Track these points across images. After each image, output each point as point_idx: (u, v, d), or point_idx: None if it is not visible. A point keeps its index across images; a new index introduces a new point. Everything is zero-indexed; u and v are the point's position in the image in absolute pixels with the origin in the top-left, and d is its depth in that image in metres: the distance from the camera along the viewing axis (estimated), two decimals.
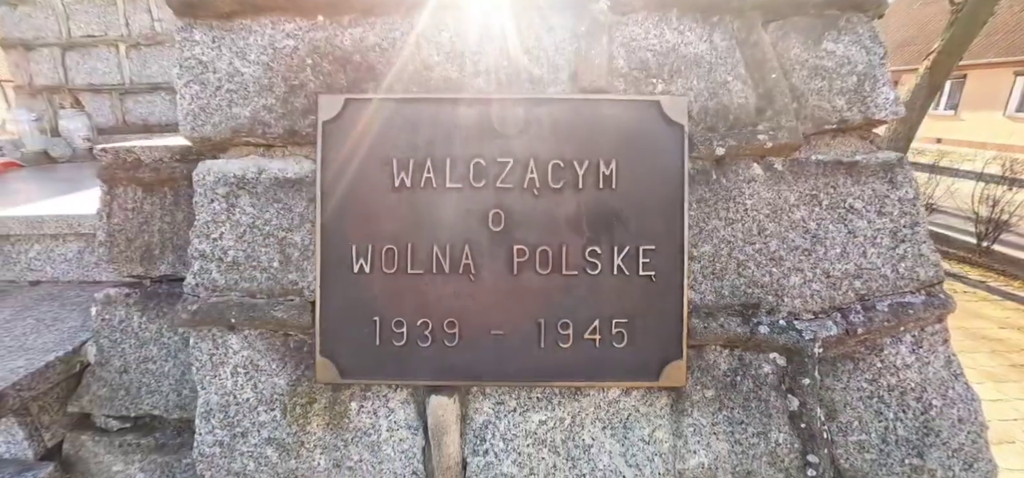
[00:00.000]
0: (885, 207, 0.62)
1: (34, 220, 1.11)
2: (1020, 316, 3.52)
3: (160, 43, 2.57)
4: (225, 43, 0.61)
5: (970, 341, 3.11)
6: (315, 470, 0.62)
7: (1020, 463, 2.09)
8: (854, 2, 0.62)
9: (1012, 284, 4.13)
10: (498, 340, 0.57)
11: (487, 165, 0.56)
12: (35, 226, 1.12)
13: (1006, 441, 2.22)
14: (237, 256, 0.61)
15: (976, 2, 4.44)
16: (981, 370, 2.79)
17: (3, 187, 1.72)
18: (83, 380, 0.90)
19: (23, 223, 1.12)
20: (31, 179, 1.89)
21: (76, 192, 1.40)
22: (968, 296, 3.86)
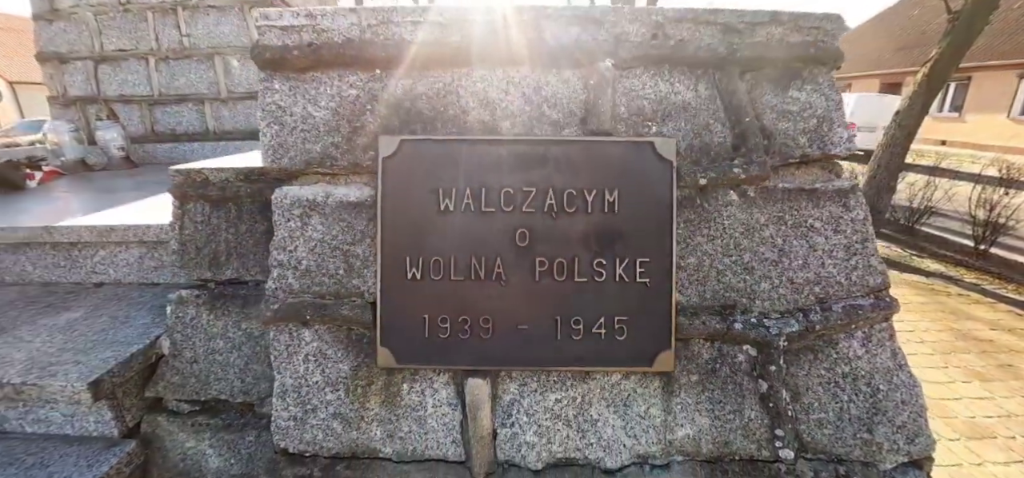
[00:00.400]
0: (840, 226, 0.75)
1: (104, 229, 1.26)
2: (1012, 319, 3.61)
3: (188, 56, 2.72)
4: (300, 92, 0.75)
5: (961, 342, 3.19)
6: (372, 439, 0.76)
7: (1001, 457, 2.20)
8: (815, 57, 0.75)
9: (1007, 287, 4.21)
10: (523, 333, 0.71)
11: (514, 193, 0.70)
12: (104, 234, 1.27)
13: (988, 436, 2.32)
14: (309, 265, 0.75)
15: (972, 11, 4.52)
16: (969, 369, 2.88)
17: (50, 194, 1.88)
18: (158, 369, 1.05)
19: (94, 231, 1.27)
20: (74, 186, 2.04)
21: (130, 202, 1.55)
22: (962, 299, 3.95)
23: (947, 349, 3.11)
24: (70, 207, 1.58)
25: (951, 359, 2.96)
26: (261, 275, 0.99)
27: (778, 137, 0.74)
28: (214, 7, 2.61)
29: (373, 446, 0.76)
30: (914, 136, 5.20)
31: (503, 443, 0.74)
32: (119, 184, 2.03)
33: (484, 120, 0.73)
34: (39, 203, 1.68)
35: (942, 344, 3.23)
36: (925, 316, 3.66)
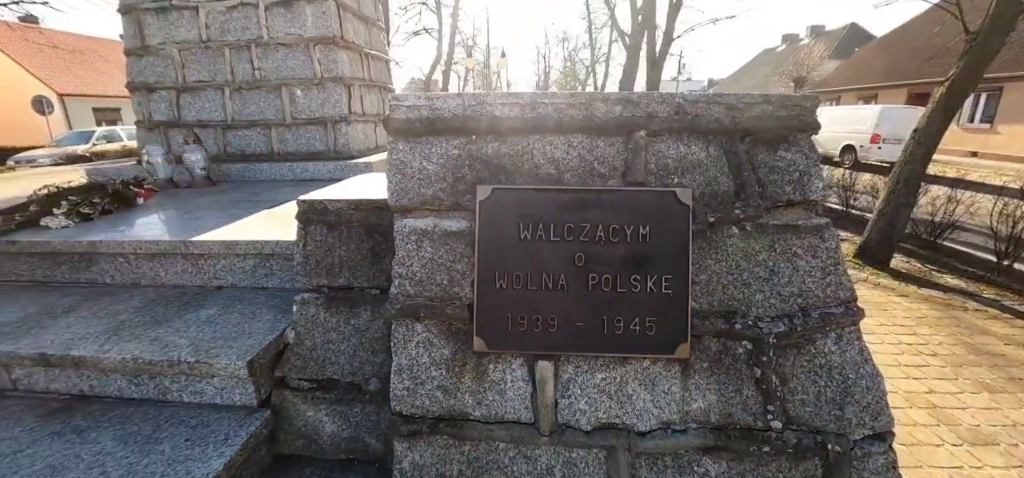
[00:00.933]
0: (817, 253, 1.00)
1: (231, 243, 1.59)
2: None
3: (258, 87, 3.09)
4: (418, 151, 1.04)
5: (973, 356, 3.31)
6: (465, 405, 1.03)
7: (1001, 462, 2.35)
8: (797, 126, 1.01)
9: None
10: (578, 328, 0.98)
11: (574, 228, 0.97)
12: (230, 247, 1.60)
13: (991, 443, 2.47)
14: (422, 277, 1.04)
15: (989, 31, 4.61)
16: (978, 381, 3.01)
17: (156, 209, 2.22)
18: (284, 354, 1.35)
19: (222, 245, 1.59)
20: (172, 203, 2.39)
21: (240, 219, 1.88)
22: (979, 314, 4.03)
23: (959, 362, 3.25)
24: (187, 223, 1.91)
25: (962, 371, 3.10)
26: (366, 283, 1.29)
27: (769, 186, 1.00)
28: (283, 45, 2.97)
29: (465, 410, 1.04)
30: (933, 154, 5.28)
31: (562, 410, 1.01)
32: (206, 201, 2.38)
33: (551, 173, 1.01)
34: (151, 217, 2.03)
35: (954, 357, 3.35)
36: (939, 330, 3.77)
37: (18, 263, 1.80)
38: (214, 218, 1.93)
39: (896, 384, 2.94)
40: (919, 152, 5.23)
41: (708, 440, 1.00)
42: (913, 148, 5.34)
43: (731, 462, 1.00)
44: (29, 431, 1.24)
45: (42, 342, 1.36)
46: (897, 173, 5.45)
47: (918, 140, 5.26)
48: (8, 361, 1.35)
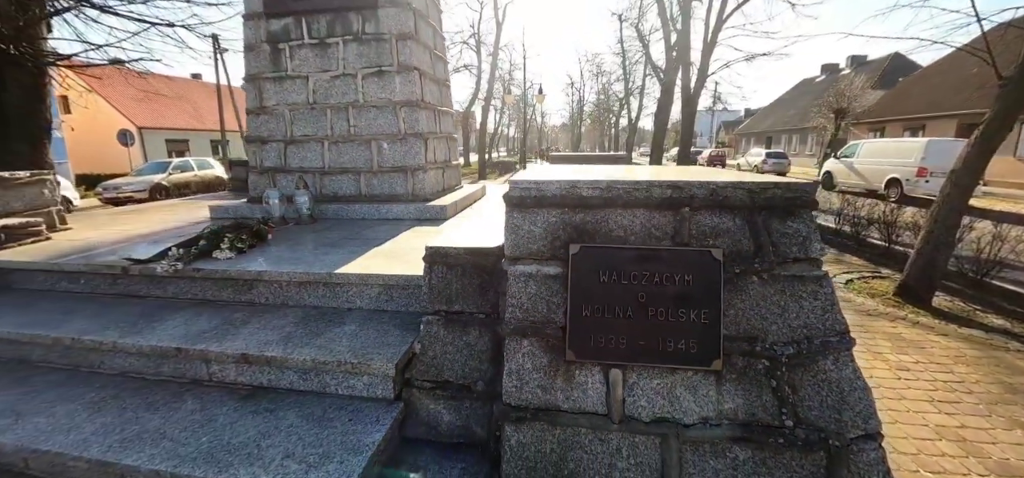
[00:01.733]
0: (817, 296, 1.38)
1: (365, 275, 2.09)
2: None
3: (352, 141, 3.70)
4: (527, 218, 1.50)
5: (1010, 394, 3.41)
6: (557, 400, 1.45)
7: None
8: (801, 203, 1.40)
9: None
10: (641, 346, 1.38)
11: (638, 275, 1.39)
12: (364, 279, 2.10)
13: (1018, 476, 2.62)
14: (528, 306, 1.48)
15: (1020, 79, 4.75)
16: (1013, 419, 3.11)
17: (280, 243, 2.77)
18: (412, 361, 1.81)
19: (359, 278, 2.10)
20: (290, 237, 2.95)
21: (359, 256, 2.40)
22: (1020, 355, 4.09)
23: (994, 400, 3.38)
24: (317, 257, 2.44)
25: (996, 409, 3.23)
26: (475, 309, 1.74)
27: (780, 247, 1.39)
28: (374, 106, 3.58)
29: (557, 404, 1.45)
30: (970, 195, 5.36)
31: (628, 405, 1.41)
32: (319, 238, 2.94)
33: (621, 236, 1.44)
34: (283, 251, 2.58)
35: (990, 395, 3.48)
36: (977, 369, 3.87)
37: (195, 285, 2.37)
38: (338, 254, 2.46)
39: (927, 417, 3.10)
40: (955, 193, 5.33)
41: (737, 433, 1.37)
42: (950, 189, 5.44)
43: (755, 450, 1.36)
44: (233, 409, 1.74)
45: (236, 345, 1.88)
46: (935, 213, 5.55)
47: (954, 181, 5.37)
48: (213, 357, 1.87)
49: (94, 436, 1.58)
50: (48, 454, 1.53)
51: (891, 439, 2.84)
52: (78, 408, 1.75)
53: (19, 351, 2.12)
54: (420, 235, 2.91)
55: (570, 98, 52.45)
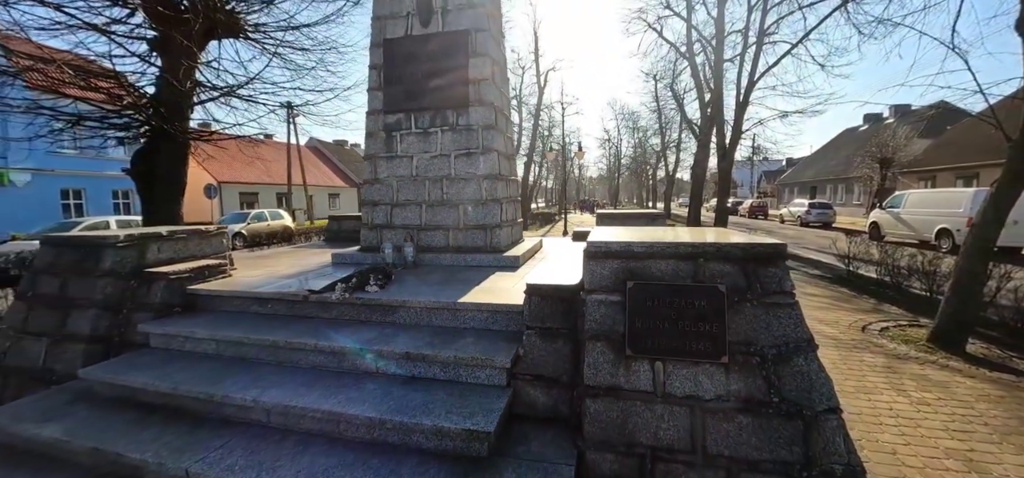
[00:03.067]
0: (790, 316, 2.14)
1: (479, 304, 2.99)
2: None
3: (444, 205, 4.75)
4: (598, 264, 2.37)
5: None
6: (619, 382, 2.25)
7: None
8: (778, 255, 2.19)
9: None
10: (675, 346, 2.18)
11: (672, 302, 2.22)
12: (477, 307, 3.00)
13: None
14: (599, 321, 2.32)
15: (1021, 143, 5.25)
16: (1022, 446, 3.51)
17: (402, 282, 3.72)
18: (517, 361, 2.66)
19: (476, 306, 3.01)
20: (406, 278, 3.92)
21: (467, 291, 3.33)
22: None
23: (1008, 431, 3.80)
24: (437, 290, 3.39)
25: (1008, 438, 3.65)
26: (560, 326, 2.60)
27: (764, 284, 2.18)
28: (462, 179, 4.64)
29: (620, 385, 2.26)
30: (992, 247, 5.73)
31: (667, 386, 2.20)
32: (426, 279, 3.89)
33: (659, 276, 2.28)
34: (408, 286, 3.54)
35: (1005, 427, 3.90)
36: (997, 406, 4.27)
37: (353, 309, 3.36)
38: (450, 290, 3.40)
39: (940, 442, 3.57)
40: (977, 245, 5.75)
41: (740, 405, 2.12)
42: (972, 241, 5.88)
43: (753, 418, 2.10)
44: (400, 388, 2.64)
45: (398, 347, 2.80)
46: (960, 265, 5.96)
47: (976, 234, 5.81)
48: (382, 355, 2.80)
49: (317, 400, 2.51)
50: (293, 407, 2.47)
51: (902, 458, 3.37)
52: (298, 385, 2.70)
53: (240, 350, 3.15)
54: (503, 279, 3.83)
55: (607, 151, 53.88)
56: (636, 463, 2.15)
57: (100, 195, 25.25)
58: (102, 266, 3.56)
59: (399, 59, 4.75)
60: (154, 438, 2.42)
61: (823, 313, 7.64)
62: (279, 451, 2.26)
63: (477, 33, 4.56)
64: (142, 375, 2.89)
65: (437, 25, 4.62)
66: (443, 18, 4.59)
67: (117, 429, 2.54)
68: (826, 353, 5.40)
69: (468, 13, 4.56)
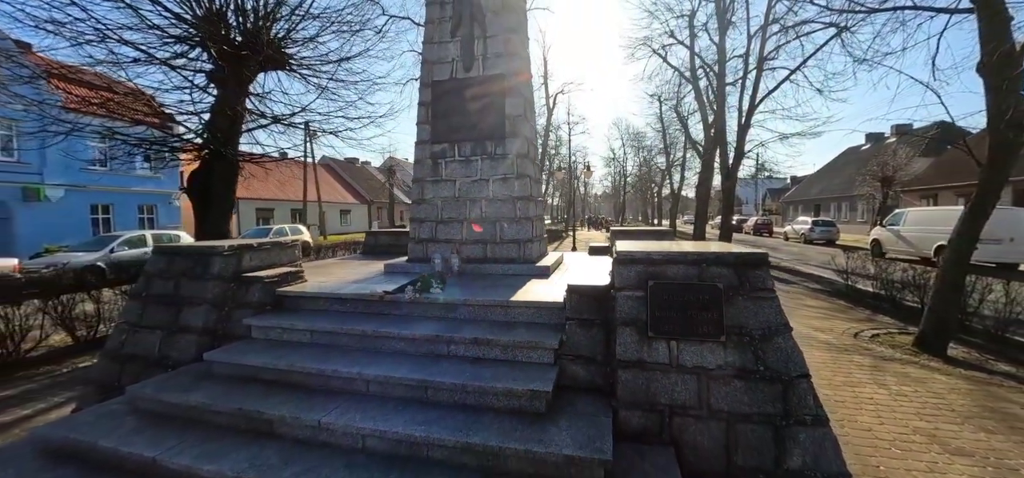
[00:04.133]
0: (771, 306, 2.86)
1: (527, 302, 3.73)
2: None
3: (482, 221, 5.51)
4: (624, 268, 3.10)
5: (986, 414, 4.39)
6: (644, 356, 2.96)
7: (970, 464, 3.58)
8: (762, 261, 2.92)
9: None
10: (685, 328, 2.90)
11: (683, 298, 2.95)
12: (525, 305, 3.74)
13: (967, 455, 3.67)
14: (627, 311, 3.05)
15: (988, 172, 5.96)
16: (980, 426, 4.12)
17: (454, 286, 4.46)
18: (561, 345, 3.38)
19: (523, 304, 3.74)
20: (455, 284, 4.65)
21: (514, 293, 4.06)
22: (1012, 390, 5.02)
23: (971, 415, 4.45)
24: (484, 292, 4.12)
25: (970, 421, 4.31)
26: (594, 317, 3.33)
27: (751, 282, 2.91)
28: (499, 199, 5.41)
29: (644, 358, 2.97)
30: (968, 260, 6.40)
31: (679, 359, 2.91)
32: (470, 286, 4.63)
33: (673, 277, 3.01)
34: (460, 289, 4.27)
35: (968, 412, 4.57)
36: (966, 397, 4.91)
37: (419, 308, 4.09)
38: (497, 292, 4.14)
39: (910, 422, 4.23)
40: (954, 258, 6.44)
41: (735, 373, 2.83)
42: (950, 256, 6.57)
43: (745, 382, 2.81)
44: (470, 366, 3.35)
45: (465, 334, 3.53)
46: (941, 277, 6.63)
47: (953, 247, 6.50)
48: (456, 340, 3.52)
49: (408, 373, 3.24)
50: (390, 378, 3.20)
51: (876, 434, 4.03)
52: (388, 364, 3.43)
53: (332, 339, 3.88)
54: (539, 285, 4.57)
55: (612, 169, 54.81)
56: (657, 418, 2.86)
57: (126, 210, 26.31)
58: (211, 271, 4.34)
59: (445, 97, 5.58)
60: (282, 402, 3.16)
61: (820, 322, 8.30)
62: (384, 410, 2.99)
63: (511, 77, 5.39)
64: (258, 357, 3.63)
65: (478, 70, 5.45)
66: (483, 64, 5.42)
67: (249, 396, 3.28)
68: (819, 354, 6.10)
69: (504, 60, 5.39)
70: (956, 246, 6.38)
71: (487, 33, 5.42)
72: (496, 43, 5.43)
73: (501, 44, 5.42)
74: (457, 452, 2.63)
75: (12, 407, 4.89)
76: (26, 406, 4.88)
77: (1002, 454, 3.67)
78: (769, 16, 14.59)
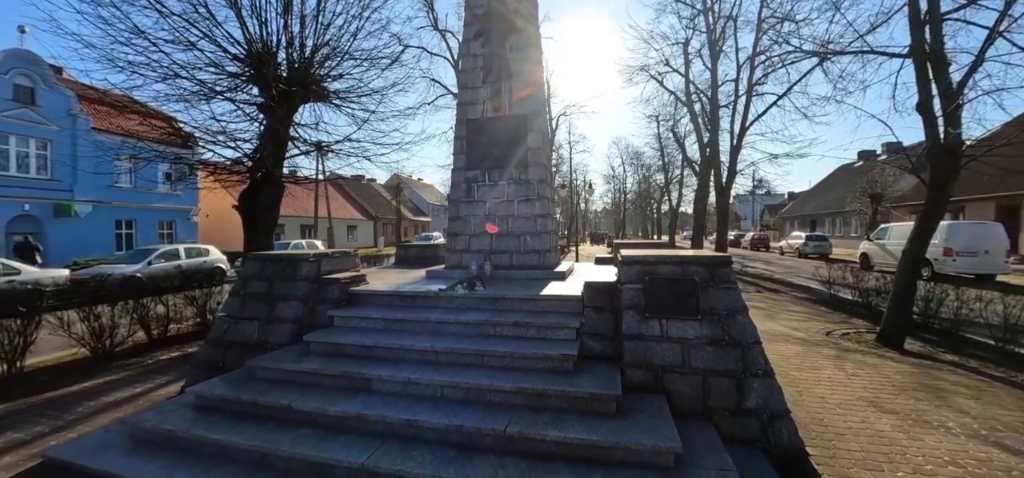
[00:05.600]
0: (734, 294, 3.98)
1: (554, 295, 4.86)
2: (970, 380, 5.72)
3: (509, 235, 6.67)
4: (629, 268, 4.24)
5: (921, 389, 5.48)
6: (642, 331, 4.08)
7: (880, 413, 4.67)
8: (727, 262, 4.06)
9: (998, 370, 6.25)
10: (673, 309, 4.03)
11: (670, 287, 4.08)
12: (554, 298, 4.87)
13: (891, 412, 4.77)
14: (630, 299, 4.18)
15: (930, 191, 7.11)
16: (912, 396, 5.23)
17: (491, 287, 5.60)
18: (581, 326, 4.51)
19: (551, 298, 4.88)
20: (490, 286, 5.79)
21: (541, 290, 5.19)
22: (948, 371, 6.09)
23: (907, 388, 5.54)
24: (518, 290, 5.26)
25: (905, 392, 5.38)
26: (606, 305, 4.47)
27: (719, 278, 4.05)
28: (523, 217, 6.58)
29: (642, 333, 4.09)
30: (920, 267, 7.51)
31: (668, 332, 4.03)
32: (501, 287, 5.77)
33: (664, 273, 4.15)
34: (497, 289, 5.41)
35: (905, 387, 5.66)
36: (909, 378, 5.99)
37: (468, 302, 5.22)
38: (528, 289, 5.27)
39: (857, 394, 5.31)
40: (907, 264, 7.55)
41: (707, 341, 3.94)
42: (903, 264, 7.69)
43: (715, 348, 3.92)
44: (513, 341, 4.48)
45: (509, 319, 4.66)
46: (897, 282, 7.75)
47: (907, 256, 7.63)
48: (501, 323, 4.65)
49: (467, 346, 4.35)
50: (455, 350, 4.31)
51: (827, 401, 5.11)
52: (451, 341, 4.54)
53: (402, 326, 5.00)
54: (557, 285, 5.71)
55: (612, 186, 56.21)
56: (653, 374, 3.97)
57: (148, 225, 27.54)
58: (300, 273, 5.49)
59: (477, 133, 6.78)
60: (375, 368, 4.27)
61: (799, 323, 9.40)
62: (453, 371, 4.10)
63: (532, 117, 6.61)
64: (348, 338, 4.76)
65: (504, 111, 6.66)
66: (509, 106, 6.64)
67: (348, 365, 4.39)
68: (792, 348, 7.22)
69: (527, 103, 6.62)
70: (909, 256, 7.52)
71: (512, 82, 6.66)
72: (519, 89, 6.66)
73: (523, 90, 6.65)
74: (512, 395, 3.74)
75: (125, 387, 5.98)
76: (135, 386, 5.97)
77: (922, 413, 4.75)
78: (756, 46, 15.96)
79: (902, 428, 4.34)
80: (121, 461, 3.57)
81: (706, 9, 17.23)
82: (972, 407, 4.92)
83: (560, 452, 3.19)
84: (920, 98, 6.93)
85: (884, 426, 4.38)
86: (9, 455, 4.07)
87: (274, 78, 9.61)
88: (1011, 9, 6.59)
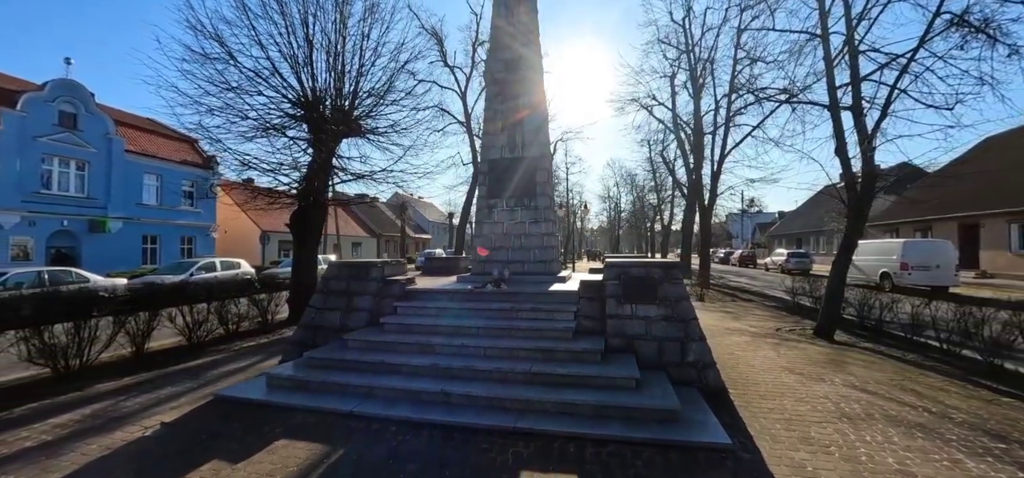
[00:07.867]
0: (681, 286, 5.94)
1: (564, 289, 6.82)
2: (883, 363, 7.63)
3: (521, 248, 8.66)
4: (611, 270, 6.20)
5: (835, 366, 7.41)
6: (621, 312, 6.02)
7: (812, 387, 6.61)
8: (679, 266, 6.02)
9: (910, 355, 8.14)
10: (641, 297, 5.99)
11: (639, 282, 6.05)
12: (561, 292, 6.84)
13: (819, 380, 6.71)
14: (612, 290, 6.13)
15: (851, 213, 9.11)
16: (833, 368, 7.17)
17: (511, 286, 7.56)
18: (577, 311, 6.46)
19: (558, 292, 6.83)
20: (509, 287, 7.77)
21: (553, 288, 7.13)
22: (866, 353, 8.00)
23: (819, 362, 7.46)
24: (533, 287, 7.21)
25: (817, 365, 7.29)
26: (595, 296, 6.45)
27: (672, 278, 6.02)
28: (532, 234, 8.59)
29: (619, 313, 6.03)
30: (845, 276, 9.49)
31: (637, 312, 5.98)
32: (518, 286, 7.74)
33: (635, 273, 6.12)
34: (515, 287, 7.38)
35: (819, 361, 7.63)
36: (826, 358, 7.89)
37: (497, 296, 7.16)
38: (539, 286, 7.22)
39: (779, 365, 7.24)
40: (835, 273, 9.53)
41: (662, 318, 5.89)
42: (833, 273, 9.68)
43: (667, 323, 5.87)
44: (530, 324, 6.43)
45: (526, 307, 6.61)
46: (829, 287, 9.71)
47: (835, 266, 9.61)
48: (519, 310, 6.60)
49: (498, 323, 6.29)
50: (491, 327, 6.25)
51: (755, 368, 7.05)
52: (485, 320, 6.47)
53: (451, 311, 6.93)
54: (560, 284, 7.68)
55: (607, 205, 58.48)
56: (626, 341, 5.91)
57: (171, 241, 29.36)
58: (371, 275, 7.44)
59: (496, 169, 8.82)
60: (436, 338, 6.19)
61: (758, 323, 11.34)
62: (490, 338, 6.03)
63: (541, 157, 8.66)
64: (412, 320, 6.70)
65: (519, 152, 8.71)
66: (523, 149, 8.69)
67: (418, 336, 6.31)
68: (743, 339, 9.17)
69: (536, 146, 8.68)
70: (836, 268, 9.51)
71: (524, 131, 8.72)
72: (529, 136, 8.73)
73: (532, 136, 8.71)
74: (532, 352, 5.68)
75: (230, 362, 7.83)
76: (237, 362, 7.83)
77: (820, 374, 6.67)
78: (733, 84, 18.22)
79: (801, 382, 6.26)
80: (270, 396, 5.45)
81: (688, 50, 19.56)
82: (859, 372, 6.82)
83: (565, 382, 5.12)
84: (837, 145, 9.01)
85: (789, 380, 6.31)
86: (185, 397, 5.94)
87: (321, 118, 11.69)
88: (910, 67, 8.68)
